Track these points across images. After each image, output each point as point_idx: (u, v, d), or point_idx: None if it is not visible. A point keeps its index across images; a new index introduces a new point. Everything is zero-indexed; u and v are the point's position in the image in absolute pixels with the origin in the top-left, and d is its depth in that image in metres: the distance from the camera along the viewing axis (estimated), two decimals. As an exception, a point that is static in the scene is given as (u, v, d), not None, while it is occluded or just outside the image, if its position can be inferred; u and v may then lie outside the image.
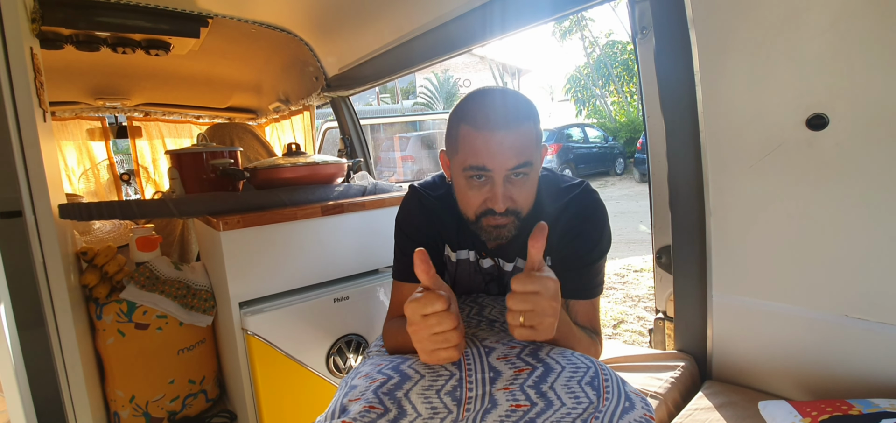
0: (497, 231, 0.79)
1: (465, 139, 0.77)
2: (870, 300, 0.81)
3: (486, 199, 0.77)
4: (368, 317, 1.45)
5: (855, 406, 0.76)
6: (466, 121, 0.77)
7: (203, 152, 1.52)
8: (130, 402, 1.40)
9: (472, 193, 0.78)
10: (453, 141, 0.81)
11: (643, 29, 1.08)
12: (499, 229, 0.79)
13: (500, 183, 0.76)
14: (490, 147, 0.74)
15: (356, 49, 1.88)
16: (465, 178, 0.78)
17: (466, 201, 0.80)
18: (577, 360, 0.70)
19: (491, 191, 0.77)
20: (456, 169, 0.81)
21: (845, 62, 0.77)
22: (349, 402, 0.67)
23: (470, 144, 0.76)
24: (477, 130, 0.75)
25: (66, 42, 1.65)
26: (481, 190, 0.77)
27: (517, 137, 0.75)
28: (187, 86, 2.56)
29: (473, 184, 0.78)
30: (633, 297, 3.28)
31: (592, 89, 15.24)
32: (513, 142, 0.74)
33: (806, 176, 0.84)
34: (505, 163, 0.75)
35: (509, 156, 0.74)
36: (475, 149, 0.75)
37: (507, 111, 0.76)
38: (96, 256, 1.36)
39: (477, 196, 0.78)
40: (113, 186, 2.83)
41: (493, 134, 0.74)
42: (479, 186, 0.78)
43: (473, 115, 0.77)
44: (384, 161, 8.33)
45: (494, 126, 0.74)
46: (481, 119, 0.75)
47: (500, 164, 0.74)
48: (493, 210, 0.77)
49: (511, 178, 0.77)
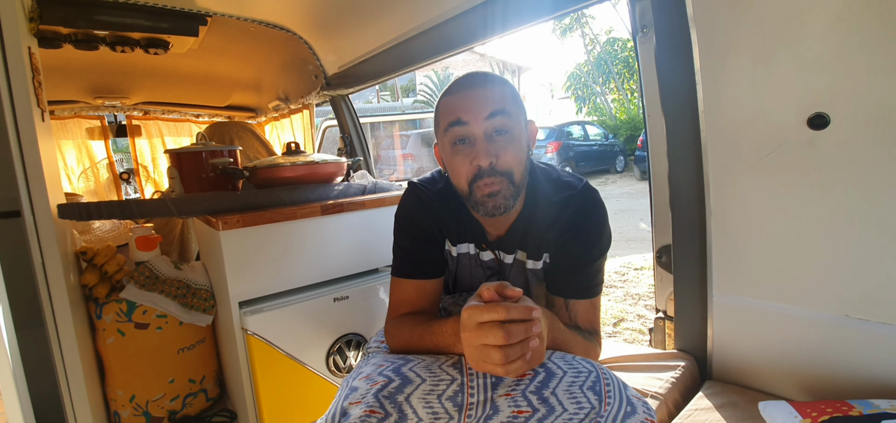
0: (492, 199, 0.79)
1: (444, 109, 0.82)
2: (871, 301, 0.81)
3: (471, 160, 0.79)
4: (368, 316, 1.44)
5: (855, 407, 0.76)
6: (445, 94, 0.83)
7: (202, 151, 1.51)
8: (130, 401, 1.40)
9: (458, 160, 0.80)
10: (437, 119, 0.85)
11: (644, 27, 1.07)
12: (493, 197, 0.79)
13: (480, 137, 0.78)
14: (464, 103, 0.79)
15: (356, 47, 1.87)
16: (449, 147, 0.81)
17: (457, 173, 0.81)
18: (578, 364, 0.69)
19: (473, 150, 0.79)
20: (442, 144, 0.84)
21: (847, 62, 0.76)
22: (350, 405, 0.67)
23: (448, 109, 0.81)
24: (453, 94, 0.82)
25: (64, 41, 1.64)
26: (467, 155, 0.79)
27: (490, 92, 0.79)
28: (186, 84, 2.56)
29: (457, 150, 0.80)
30: (634, 295, 3.28)
31: (593, 87, 15.23)
32: (486, 95, 0.79)
33: (807, 176, 0.84)
34: (482, 112, 0.77)
35: (483, 105, 0.78)
36: (452, 109, 0.80)
37: (481, 77, 0.82)
38: (96, 255, 1.36)
39: (463, 162, 0.79)
40: (112, 185, 2.82)
41: (466, 92, 0.80)
42: (463, 150, 0.79)
43: (451, 86, 0.83)
44: (384, 159, 8.32)
45: (468, 86, 0.81)
46: (456, 85, 0.82)
47: (476, 114, 0.78)
48: (480, 170, 0.78)
49: (492, 136, 0.79)
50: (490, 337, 0.61)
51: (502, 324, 0.62)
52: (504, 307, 0.62)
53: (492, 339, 0.61)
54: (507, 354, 0.61)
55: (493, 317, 0.62)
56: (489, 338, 0.61)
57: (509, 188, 0.79)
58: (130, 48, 1.78)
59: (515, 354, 0.62)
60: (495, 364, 0.63)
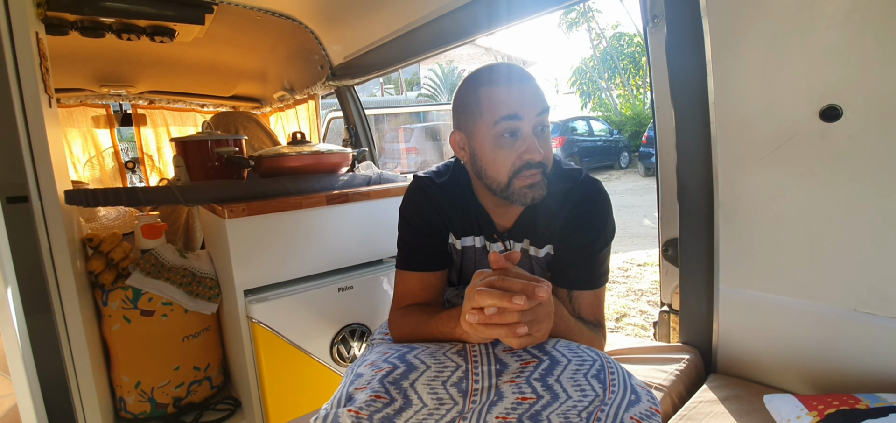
0: (532, 190, 0.79)
1: (489, 98, 0.79)
2: (880, 295, 0.80)
3: (520, 153, 0.78)
4: (372, 307, 1.45)
5: (862, 401, 0.75)
6: (487, 84, 0.80)
7: (208, 140, 1.51)
8: (136, 387, 1.41)
9: (503, 153, 0.79)
10: (473, 107, 0.81)
11: (654, 17, 1.06)
12: (533, 188, 0.79)
13: (529, 132, 0.78)
14: (518, 97, 0.78)
15: (361, 37, 1.86)
16: (493, 138, 0.79)
17: (498, 164, 0.80)
18: (583, 353, 0.69)
19: (524, 143, 0.78)
20: (482, 134, 0.81)
21: (860, 53, 0.75)
22: (355, 391, 0.67)
23: (497, 99, 0.78)
24: (501, 85, 0.79)
25: (70, 28, 1.64)
26: (513, 146, 0.78)
27: (537, 89, 0.79)
28: (192, 73, 2.56)
29: (504, 142, 0.79)
30: (636, 291, 3.27)
31: (598, 82, 15.14)
32: (535, 91, 0.79)
33: (818, 168, 0.83)
34: (534, 108, 0.77)
35: (536, 102, 0.78)
36: (504, 101, 0.78)
37: (522, 71, 0.81)
38: (102, 242, 1.37)
39: (509, 154, 0.79)
40: (118, 173, 2.84)
41: (518, 86, 0.78)
42: (511, 142, 0.79)
43: (492, 76, 0.80)
44: (388, 152, 8.31)
45: (517, 80, 0.79)
46: (503, 77, 0.80)
47: (530, 110, 0.77)
48: (528, 163, 0.78)
49: (537, 130, 0.79)
50: (495, 300, 0.61)
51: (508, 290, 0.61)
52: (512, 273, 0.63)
53: (497, 302, 0.61)
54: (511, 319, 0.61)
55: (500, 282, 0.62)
56: (494, 301, 0.61)
57: (544, 180, 0.81)
58: (136, 36, 1.78)
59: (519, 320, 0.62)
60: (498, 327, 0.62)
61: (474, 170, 0.85)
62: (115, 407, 1.45)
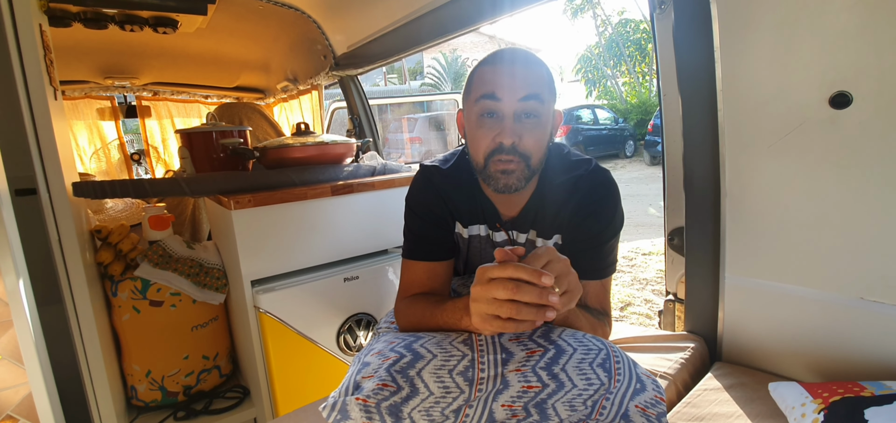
0: (505, 176, 0.79)
1: (478, 78, 0.80)
2: (888, 283, 0.80)
3: (494, 136, 0.78)
4: (378, 297, 1.46)
5: (867, 388, 0.75)
6: (484, 63, 0.81)
7: (213, 132, 1.52)
8: (147, 376, 1.43)
9: (481, 132, 0.80)
10: (468, 85, 0.83)
11: (662, 3, 1.04)
12: (507, 175, 0.79)
13: (509, 117, 0.77)
14: (500, 78, 0.77)
15: (364, 27, 1.85)
16: (476, 116, 0.80)
17: (477, 143, 0.81)
18: (588, 342, 0.69)
19: (499, 125, 0.78)
20: (469, 112, 0.83)
21: (871, 39, 0.74)
22: (362, 379, 0.68)
23: (482, 79, 0.79)
24: (489, 65, 0.80)
25: (73, 19, 1.64)
26: (492, 128, 0.79)
27: (528, 73, 0.78)
28: (195, 65, 2.55)
29: (484, 122, 0.79)
30: (641, 280, 3.27)
31: (603, 70, 14.97)
32: (523, 75, 0.77)
33: (827, 156, 0.82)
34: (517, 92, 0.76)
35: (519, 86, 0.77)
36: (486, 80, 0.78)
37: (522, 54, 0.80)
38: (110, 234, 1.38)
39: (487, 135, 0.79)
40: (124, 165, 2.85)
41: (504, 66, 0.78)
42: (490, 124, 0.79)
43: (489, 58, 0.81)
44: (392, 142, 8.28)
45: (507, 61, 0.79)
46: (496, 57, 0.80)
47: (510, 93, 0.77)
48: (501, 146, 0.78)
49: (520, 117, 0.78)
50: (500, 292, 0.61)
51: (513, 281, 0.60)
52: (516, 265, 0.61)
53: (502, 293, 0.61)
54: (518, 310, 0.60)
55: (505, 274, 0.61)
56: (499, 292, 0.61)
57: (524, 171, 0.79)
58: (139, 27, 1.77)
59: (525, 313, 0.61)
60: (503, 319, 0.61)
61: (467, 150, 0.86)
62: (127, 395, 1.48)
